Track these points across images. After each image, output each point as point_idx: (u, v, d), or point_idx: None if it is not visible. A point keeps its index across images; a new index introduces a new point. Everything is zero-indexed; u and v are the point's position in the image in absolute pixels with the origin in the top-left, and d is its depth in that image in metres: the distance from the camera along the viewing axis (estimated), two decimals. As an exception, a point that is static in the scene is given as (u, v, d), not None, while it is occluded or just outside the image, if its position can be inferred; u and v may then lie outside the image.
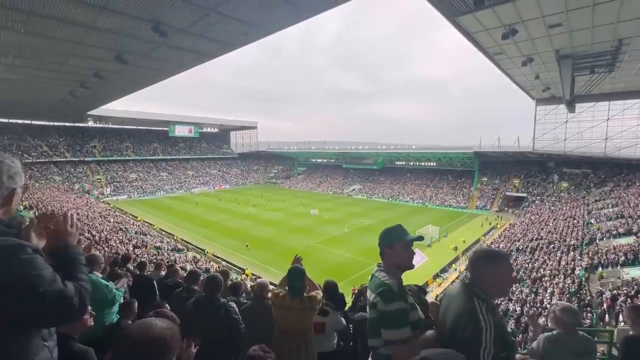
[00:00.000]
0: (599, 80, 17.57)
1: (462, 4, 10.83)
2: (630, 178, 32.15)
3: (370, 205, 46.21)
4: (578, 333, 2.13)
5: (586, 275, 14.92)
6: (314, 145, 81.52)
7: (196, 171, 68.50)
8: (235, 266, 22.46)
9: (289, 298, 2.15)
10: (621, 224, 20.05)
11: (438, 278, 20.73)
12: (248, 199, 49.55)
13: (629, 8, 11.22)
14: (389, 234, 1.71)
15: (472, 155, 46.24)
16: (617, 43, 14.54)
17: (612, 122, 33.56)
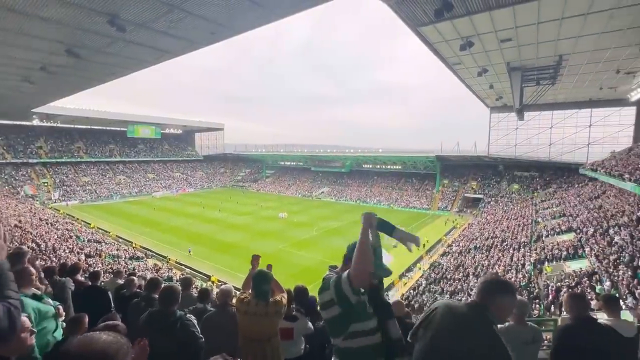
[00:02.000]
0: (543, 91, 19.32)
1: (424, 15, 11.40)
2: (570, 180, 35.63)
3: (338, 207, 46.74)
4: (527, 324, 2.32)
5: (535, 270, 16.24)
6: (283, 147, 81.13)
7: (157, 174, 65.01)
8: (201, 273, 21.59)
9: (253, 303, 2.08)
10: (563, 222, 22.10)
11: (403, 277, 21.42)
12: (214, 202, 47.96)
13: (567, 28, 12.50)
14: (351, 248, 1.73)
15: (434, 159, 48.60)
16: (558, 58, 16.10)
17: (555, 130, 37.12)
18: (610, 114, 32.49)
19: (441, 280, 18.35)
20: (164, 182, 62.97)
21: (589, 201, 24.21)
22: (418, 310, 15.24)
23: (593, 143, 35.08)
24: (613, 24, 12.13)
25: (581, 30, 12.78)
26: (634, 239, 14.04)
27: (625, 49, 14.89)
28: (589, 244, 16.39)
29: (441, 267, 21.01)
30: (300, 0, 9.07)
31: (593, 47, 14.79)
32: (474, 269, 18.34)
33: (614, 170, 21.92)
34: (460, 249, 23.82)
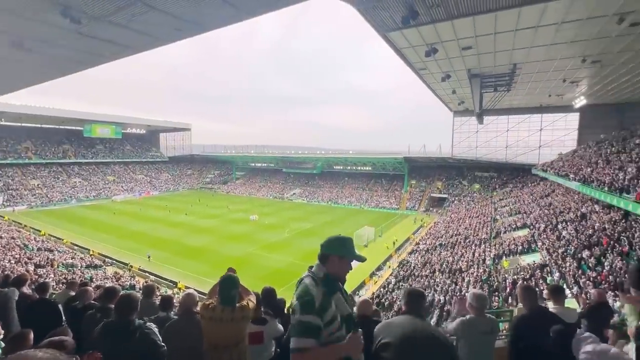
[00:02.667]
0: (500, 97, 20.66)
1: (392, 21, 11.77)
2: (525, 180, 38.42)
3: (310, 209, 46.80)
4: (486, 315, 2.47)
5: (494, 264, 17.29)
6: (253, 149, 79.82)
7: (118, 176, 61.23)
8: (166, 279, 20.61)
9: (219, 309, 2.00)
10: (518, 219, 23.78)
11: (374, 276, 21.88)
12: (181, 206, 46.06)
13: (520, 39, 13.49)
14: (345, 244, 1.72)
15: (402, 160, 50.27)
16: (513, 67, 17.32)
17: (511, 133, 39.85)
18: (557, 119, 35.52)
19: (409, 278, 18.97)
20: (125, 185, 59.41)
21: (540, 199, 26.24)
22: (388, 307, 15.63)
23: (543, 146, 38.09)
24: (559, 37, 13.28)
25: (532, 42, 13.85)
26: (579, 233, 15.43)
27: (570, 60, 16.35)
28: (540, 238, 17.76)
29: (409, 265, 21.72)
30: (272, 0, 8.99)
31: (543, 58, 16.08)
32: (439, 265, 19.16)
33: (561, 171, 23.98)
34: (427, 247, 24.79)
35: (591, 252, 12.99)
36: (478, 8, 10.70)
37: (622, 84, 21.15)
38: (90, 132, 57.48)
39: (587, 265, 12.31)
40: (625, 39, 13.20)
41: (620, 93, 24.26)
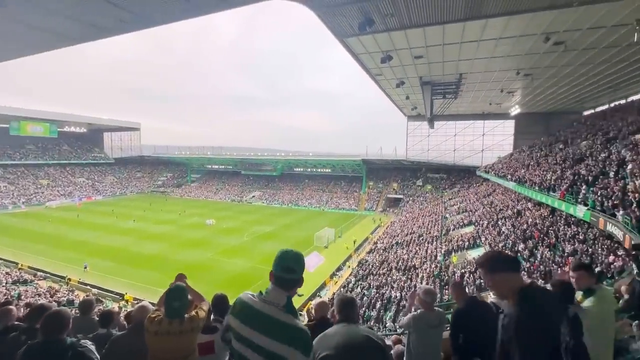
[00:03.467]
0: (448, 103, 22.24)
1: (349, 27, 12.10)
2: (470, 181, 41.72)
3: (270, 211, 46.13)
4: (435, 310, 2.62)
5: (444, 260, 18.49)
6: (210, 150, 76.68)
7: (54, 180, 54.97)
8: (112, 292, 18.91)
9: (166, 322, 1.86)
10: (465, 217, 25.73)
11: (334, 277, 22.17)
12: (128, 211, 42.66)
13: (465, 51, 14.66)
14: (303, 261, 1.52)
15: (361, 162, 51.80)
16: (459, 76, 18.76)
17: (458, 137, 43.05)
18: (497, 125, 39.20)
19: (368, 276, 19.54)
20: (62, 189, 53.50)
21: (483, 198, 28.66)
22: (348, 307, 15.93)
23: (486, 149, 41.73)
24: (498, 51, 14.67)
25: (475, 54, 15.13)
26: (515, 228, 17.12)
27: (506, 72, 18.13)
28: (484, 234, 19.38)
29: (368, 264, 22.37)
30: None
31: (484, 69, 17.64)
32: (396, 263, 20.01)
33: (500, 172, 26.42)
34: (384, 246, 25.76)
35: (525, 245, 14.48)
36: (427, 20, 11.43)
37: (549, 95, 23.98)
38: (19, 130, 50.99)
39: (522, 257, 13.69)
40: (550, 55, 14.98)
41: (547, 103, 27.49)
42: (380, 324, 13.49)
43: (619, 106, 23.88)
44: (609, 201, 10.35)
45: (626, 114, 19.53)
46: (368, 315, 14.43)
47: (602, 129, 19.41)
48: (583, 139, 20.30)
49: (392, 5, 10.28)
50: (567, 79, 19.26)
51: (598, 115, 25.47)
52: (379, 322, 13.71)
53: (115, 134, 71.20)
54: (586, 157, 16.34)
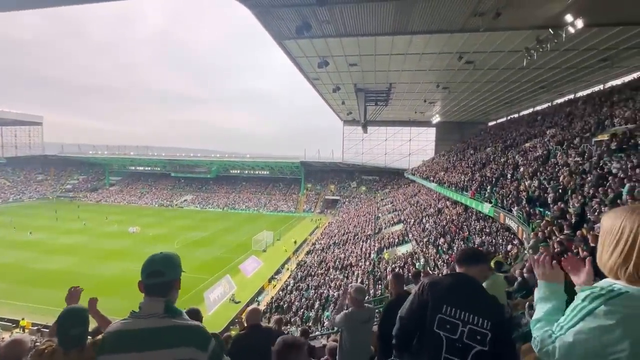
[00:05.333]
0: (380, 110, 23.81)
1: (287, 30, 12.13)
2: (400, 183, 45.31)
3: (204, 216, 43.48)
4: (365, 306, 2.77)
5: (377, 257, 19.68)
6: (134, 150, 69.00)
7: None
8: (2, 319, 15.64)
9: (60, 352, 1.49)
10: (395, 216, 27.80)
11: (273, 280, 21.85)
12: (26, 220, 35.90)
13: (394, 62, 15.90)
14: (179, 260, 1.45)
15: (299, 164, 52.24)
16: (389, 85, 20.25)
17: (389, 142, 46.37)
18: (421, 132, 43.35)
19: (307, 277, 19.74)
20: None
21: (410, 198, 31.35)
22: (287, 309, 15.86)
23: (412, 154, 45.80)
24: (421, 65, 16.24)
25: (403, 66, 16.51)
26: (437, 225, 19.09)
27: (429, 84, 20.19)
28: (411, 231, 21.18)
29: (307, 265, 22.61)
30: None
31: (410, 80, 19.36)
32: (333, 262, 20.61)
33: (424, 174, 29.23)
34: (322, 246, 26.34)
35: (445, 239, 16.25)
36: (360, 30, 12.10)
37: (462, 107, 27.43)
38: None
39: (442, 250, 15.33)
40: (463, 72, 17.16)
41: (461, 114, 31.39)
42: (319, 323, 13.72)
43: (514, 119, 28.47)
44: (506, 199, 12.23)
45: (519, 126, 23.36)
46: (307, 316, 14.57)
47: (501, 138, 22.86)
48: (488, 146, 23.66)
49: (328, 12, 10.62)
50: (476, 94, 22.30)
51: (499, 126, 29.97)
52: (317, 322, 13.93)
53: (8, 128, 59.29)
54: (490, 161, 19.06)
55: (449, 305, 1.34)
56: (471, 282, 1.42)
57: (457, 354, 1.28)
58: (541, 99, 23.68)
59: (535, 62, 13.78)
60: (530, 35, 11.81)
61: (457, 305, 1.34)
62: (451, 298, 1.36)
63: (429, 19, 10.96)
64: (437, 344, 1.30)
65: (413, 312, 1.45)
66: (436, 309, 1.35)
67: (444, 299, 1.36)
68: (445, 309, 1.34)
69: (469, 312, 1.32)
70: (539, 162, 12.75)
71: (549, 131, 16.14)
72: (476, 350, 1.27)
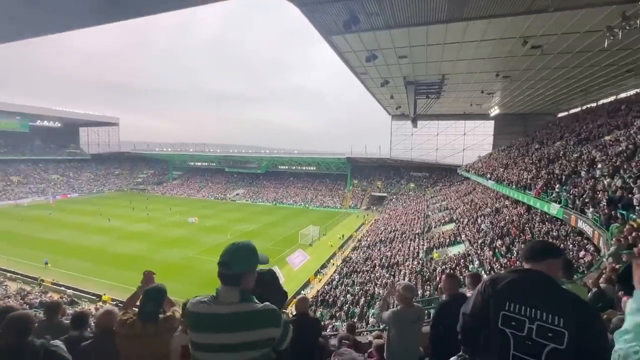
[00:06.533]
0: (431, 103, 22.63)
1: (335, 25, 12.09)
2: (452, 180, 42.78)
3: (254, 209, 45.71)
4: (414, 305, 2.68)
5: (426, 256, 18.90)
6: (192, 147, 74.95)
7: (25, 176, 52.38)
8: (88, 293, 18.25)
9: (139, 325, 1.78)
10: (446, 215, 26.36)
11: (318, 274, 22.25)
12: (106, 209, 41.16)
13: (448, 52, 14.95)
14: (256, 252, 1.43)
15: (346, 160, 52.10)
16: (442, 77, 19.12)
17: (440, 137, 43.97)
18: (477, 125, 40.30)
19: (352, 274, 19.72)
20: (34, 186, 51.05)
21: (464, 196, 29.44)
22: (332, 304, 16.04)
23: (466, 149, 42.85)
24: (479, 53, 15.05)
25: (457, 55, 15.46)
26: (494, 226, 17.69)
27: (487, 74, 18.64)
28: (464, 231, 19.92)
29: (352, 261, 22.58)
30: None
31: (465, 70, 18.06)
32: (379, 260, 20.28)
33: (480, 171, 27.21)
34: (368, 243, 26.05)
35: (503, 241, 14.99)
36: (411, 20, 11.58)
37: (526, 97, 24.87)
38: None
39: (500, 253, 14.18)
40: (528, 58, 15.51)
41: (524, 105, 28.49)
42: (363, 320, 13.65)
43: (590, 109, 25.06)
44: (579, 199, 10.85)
45: (597, 117, 20.52)
46: (352, 311, 14.58)
47: (574, 131, 20.31)
48: (557, 140, 21.18)
49: (377, 4, 10.34)
50: (543, 82, 20.03)
51: (571, 117, 26.64)
52: (362, 318, 13.87)
53: (92, 129, 68.50)
54: (559, 157, 17.06)
55: (512, 302, 1.27)
56: (539, 278, 1.31)
57: (527, 351, 1.21)
58: (627, 84, 20.46)
59: (621, 42, 11.91)
60: (614, 12, 10.22)
61: (521, 302, 1.26)
62: (514, 294, 1.29)
63: (488, 2, 10.07)
64: (504, 341, 1.25)
65: (475, 309, 1.40)
66: (499, 306, 1.29)
67: (507, 296, 1.29)
68: (509, 306, 1.27)
69: (536, 309, 1.23)
70: (623, 158, 11.08)
71: (637, 122, 13.92)
72: (550, 347, 1.18)
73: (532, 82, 20.08)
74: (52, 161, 58.99)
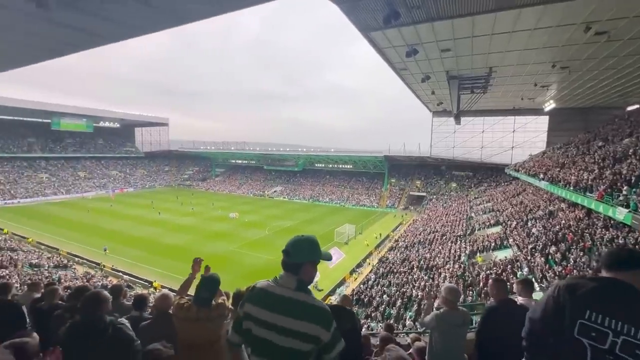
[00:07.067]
0: (476, 99, 21.36)
1: (374, 21, 11.87)
2: (498, 179, 40.06)
3: (291, 206, 46.64)
4: (459, 309, 2.56)
5: (468, 260, 17.94)
6: (234, 145, 78.39)
7: (90, 172, 58.48)
8: (141, 279, 19.95)
9: (194, 308, 1.94)
10: (492, 217, 24.77)
11: (354, 273, 22.14)
12: (157, 203, 44.59)
13: (496, 43, 13.99)
14: (317, 247, 1.52)
15: (383, 159, 51.09)
16: (489, 70, 17.94)
17: (486, 134, 41.35)
18: (529, 121, 37.23)
19: (389, 274, 19.34)
20: (97, 181, 56.84)
21: (512, 198, 27.44)
22: (367, 304, 15.89)
23: (516, 147, 39.82)
24: (532, 43, 13.88)
25: (507, 46, 14.40)
26: (547, 230, 16.28)
27: (541, 65, 17.14)
28: (512, 235, 18.59)
29: (389, 262, 22.14)
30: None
31: (516, 62, 16.76)
32: (417, 262, 19.66)
33: (532, 171, 25.15)
34: (406, 244, 25.36)
35: (557, 247, 13.74)
36: (456, 11, 10.99)
37: (588, 89, 22.44)
38: (59, 125, 54.48)
39: (554, 260, 13.02)
40: (591, 46, 13.98)
41: (585, 98, 25.74)
42: (400, 322, 13.34)
43: (668, 101, 21.98)
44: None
45: (677, 110, 17.94)
46: (388, 312, 14.32)
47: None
48: (625, 137, 18.89)
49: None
50: (610, 72, 17.92)
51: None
52: (398, 320, 13.56)
53: (145, 129, 74.48)
54: (628, 155, 15.20)
55: (593, 311, 1.15)
56: (628, 289, 1.18)
57: None
58: None
59: None
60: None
61: (605, 312, 1.13)
62: (597, 303, 1.17)
63: (544, -14, 9.25)
64: (579, 352, 1.15)
65: (546, 314, 1.30)
66: (576, 314, 1.19)
67: (587, 304, 1.18)
68: (590, 315, 1.15)
69: (623, 322, 1.10)
70: None
71: None
72: None
73: (595, 72, 18.08)
74: (112, 158, 65.17)
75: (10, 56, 15.13)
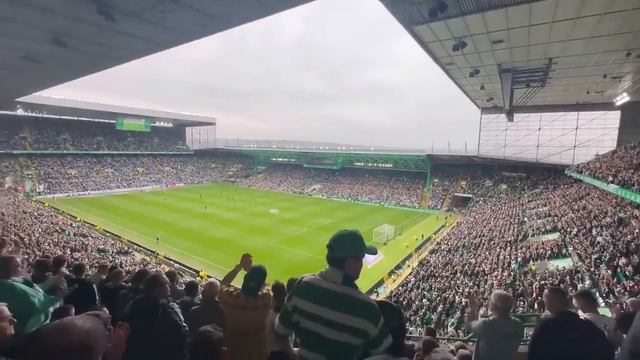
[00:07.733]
0: (533, 93, 19.63)
1: (419, 14, 11.44)
2: (557, 181, 36.44)
3: (329, 205, 46.87)
4: (510, 318, 2.39)
5: (520, 268, 16.61)
6: (275, 144, 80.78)
7: (147, 168, 64.04)
8: (190, 268, 21.43)
9: (242, 297, 2.07)
10: (548, 222, 22.63)
11: (393, 274, 21.65)
12: (204, 198, 47.53)
13: (557, 31, 12.72)
14: (360, 241, 1.50)
15: (426, 158, 49.10)
16: (548, 61, 16.38)
17: (543, 132, 37.85)
18: (596, 117, 33.32)
19: (430, 278, 18.61)
20: (153, 176, 62.08)
21: (573, 202, 24.80)
22: (406, 307, 15.44)
23: (579, 145, 35.93)
24: (601, 29, 12.40)
25: (571, 34, 13.02)
26: (615, 240, 14.48)
27: (612, 54, 15.25)
28: (572, 243, 16.84)
29: (430, 265, 21.30)
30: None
31: (581, 52, 15.10)
32: (461, 266, 18.65)
33: (598, 173, 22.53)
34: (449, 247, 24.19)
35: (629, 259, 12.18)
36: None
37: (672, 79, 19.50)
38: (122, 125, 60.38)
39: (624, 274, 11.56)
40: (677, 30, 12.14)
41: (669, 90, 22.38)
42: (441, 328, 12.79)
43: None
44: None
45: None
46: (428, 317, 13.81)
47: None
48: None
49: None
50: (701, 58, 15.39)
51: None
52: (439, 326, 13.01)
53: (195, 128, 79.65)
54: None
55: None
56: None
57: None
58: None
59: None
60: None
61: None
62: None
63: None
64: None
65: None
66: None
67: None
68: None
69: None
70: None
71: None
72: None
73: (682, 59, 15.64)
74: (165, 155, 70.71)
75: (87, 64, 17.00)
